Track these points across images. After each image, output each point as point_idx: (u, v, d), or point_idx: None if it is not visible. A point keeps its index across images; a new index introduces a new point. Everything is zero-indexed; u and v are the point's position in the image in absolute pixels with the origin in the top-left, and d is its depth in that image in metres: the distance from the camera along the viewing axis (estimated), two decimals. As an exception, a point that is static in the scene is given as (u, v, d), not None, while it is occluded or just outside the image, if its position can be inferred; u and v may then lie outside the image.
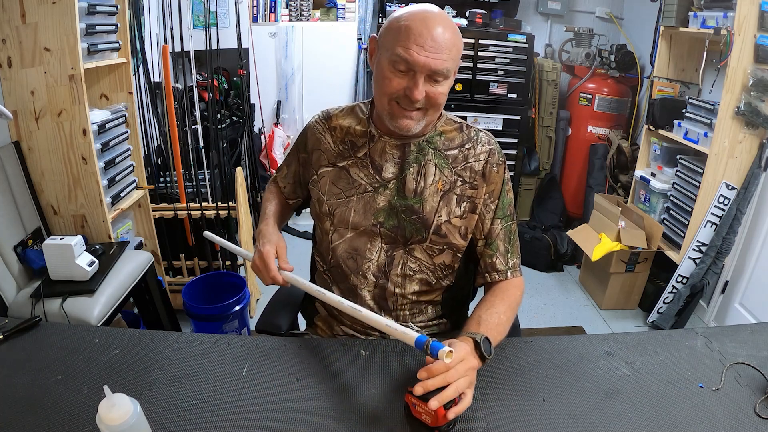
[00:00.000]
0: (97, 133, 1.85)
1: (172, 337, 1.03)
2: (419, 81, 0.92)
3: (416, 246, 1.08)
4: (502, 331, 0.98)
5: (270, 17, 3.27)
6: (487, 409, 0.84)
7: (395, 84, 0.94)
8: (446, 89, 0.97)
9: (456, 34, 0.94)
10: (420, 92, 0.92)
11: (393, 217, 1.07)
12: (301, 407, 0.85)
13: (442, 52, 0.90)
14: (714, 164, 2.24)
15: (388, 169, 1.07)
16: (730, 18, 2.11)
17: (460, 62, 0.99)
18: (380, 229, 1.08)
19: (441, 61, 0.91)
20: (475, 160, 1.07)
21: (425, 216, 1.05)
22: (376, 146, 1.08)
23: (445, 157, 1.07)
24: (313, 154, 1.15)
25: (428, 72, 0.92)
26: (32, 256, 1.68)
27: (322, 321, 1.22)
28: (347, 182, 1.09)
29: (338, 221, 1.10)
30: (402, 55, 0.91)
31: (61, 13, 1.64)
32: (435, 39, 0.90)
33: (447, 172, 1.06)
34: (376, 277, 1.10)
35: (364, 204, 1.08)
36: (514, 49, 3.04)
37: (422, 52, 0.90)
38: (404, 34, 0.91)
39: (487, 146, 1.08)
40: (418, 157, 1.06)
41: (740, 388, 0.91)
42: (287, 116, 3.40)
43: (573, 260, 3.21)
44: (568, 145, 3.55)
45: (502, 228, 1.09)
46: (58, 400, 0.84)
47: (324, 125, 1.15)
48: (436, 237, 1.07)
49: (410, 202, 1.06)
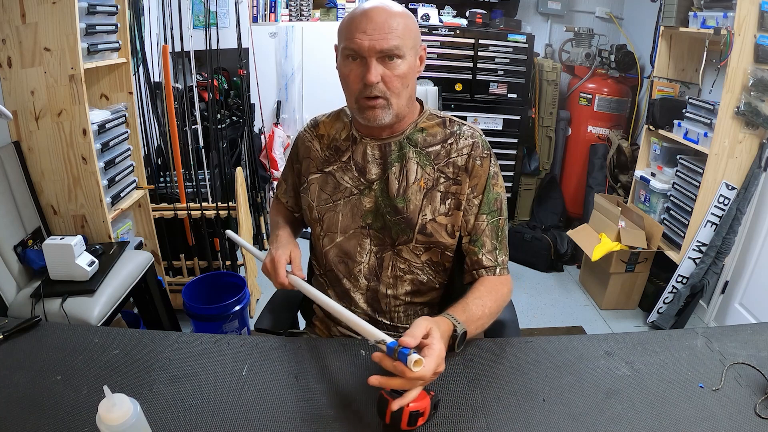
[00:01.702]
0: (97, 133, 1.85)
1: (172, 337, 1.03)
2: (371, 65, 0.94)
3: (403, 247, 1.07)
4: (482, 326, 0.96)
5: (270, 17, 3.27)
6: (487, 409, 0.84)
7: (353, 77, 0.97)
8: (404, 71, 0.97)
9: (403, 17, 0.96)
10: (373, 75, 0.94)
11: (379, 218, 1.07)
12: (301, 407, 0.85)
13: (385, 32, 0.93)
14: (714, 164, 2.24)
15: (372, 171, 1.07)
16: (730, 18, 2.11)
17: (421, 44, 1.01)
18: (369, 231, 1.08)
19: (386, 41, 0.93)
20: (458, 155, 1.05)
21: (409, 216, 1.05)
22: (358, 148, 1.08)
23: (427, 154, 1.06)
24: (303, 162, 1.16)
25: (376, 54, 0.94)
26: (32, 256, 1.68)
27: (319, 321, 1.23)
28: (334, 187, 1.10)
29: (327, 226, 1.11)
30: (349, 46, 0.95)
31: (61, 13, 1.64)
32: (375, 22, 0.93)
33: (429, 169, 1.05)
34: (368, 279, 1.10)
35: (351, 207, 1.09)
36: (514, 49, 3.04)
37: (365, 36, 0.93)
38: (348, 28, 0.96)
39: (470, 140, 1.06)
40: (400, 156, 1.06)
41: (740, 388, 0.91)
42: (287, 116, 3.40)
43: (573, 260, 3.21)
44: (568, 145, 3.55)
45: (488, 224, 1.06)
46: (58, 400, 0.84)
47: (312, 133, 1.17)
48: (421, 236, 1.06)
49: (394, 203, 1.05)
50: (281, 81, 3.34)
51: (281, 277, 1.03)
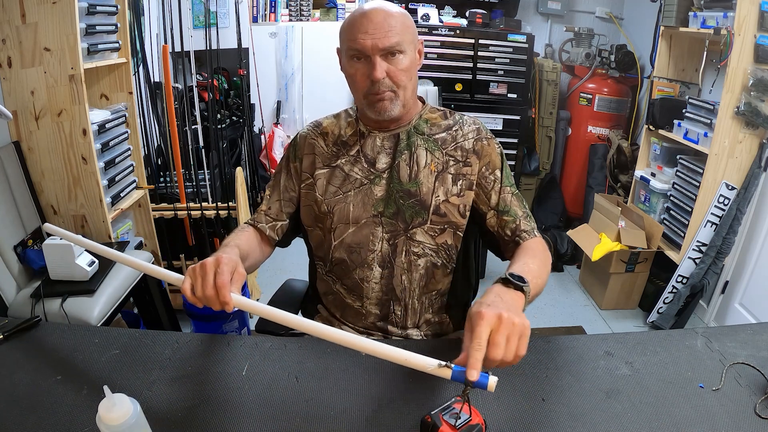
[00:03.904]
0: (97, 133, 1.85)
1: (172, 337, 1.03)
2: (376, 62, 0.99)
3: (417, 229, 1.09)
4: (535, 279, 0.88)
5: (270, 17, 3.27)
6: (487, 409, 0.84)
7: (359, 77, 1.02)
8: (407, 65, 1.02)
9: (399, 15, 1.02)
10: (379, 71, 0.99)
11: (392, 204, 1.09)
12: (301, 407, 0.85)
13: (385, 30, 0.98)
14: (714, 164, 2.24)
15: (381, 161, 1.10)
16: (730, 18, 2.11)
17: (418, 39, 1.06)
18: (381, 219, 1.09)
19: (387, 38, 0.98)
20: (464, 139, 1.11)
21: (423, 198, 1.08)
22: (366, 141, 1.12)
23: (434, 140, 1.10)
24: (305, 159, 1.15)
25: (379, 52, 0.99)
26: (32, 256, 1.68)
27: (322, 321, 1.22)
28: (342, 179, 1.11)
29: (338, 218, 1.11)
30: (353, 47, 1.00)
31: (61, 13, 1.64)
32: (374, 22, 0.99)
33: (438, 153, 1.09)
34: (382, 267, 1.11)
35: (362, 197, 1.10)
36: (514, 49, 3.04)
37: (367, 36, 0.98)
38: (350, 30, 1.01)
39: (473, 125, 1.13)
40: (408, 144, 1.10)
41: (740, 388, 0.91)
42: (287, 116, 3.40)
43: (573, 260, 3.21)
44: (568, 145, 3.55)
45: (512, 195, 1.10)
46: (58, 400, 0.84)
47: (316, 131, 1.18)
48: (436, 217, 1.08)
49: (406, 187, 1.08)
50: (281, 81, 3.35)
51: (223, 283, 0.78)
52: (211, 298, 0.79)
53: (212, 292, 0.79)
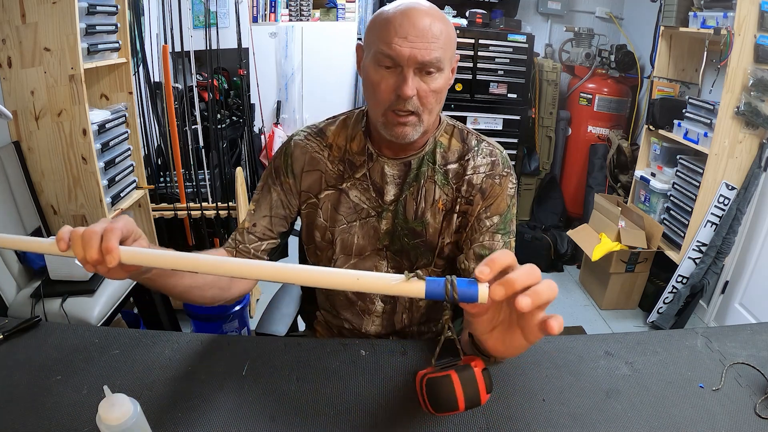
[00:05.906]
0: (97, 133, 1.85)
1: (172, 337, 1.03)
2: (408, 76, 0.83)
3: (422, 270, 1.03)
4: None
5: (270, 17, 3.27)
6: (487, 409, 0.84)
7: (383, 87, 0.86)
8: (441, 85, 0.87)
9: (444, 23, 0.86)
10: (410, 88, 0.83)
11: (396, 241, 1.01)
12: (301, 407, 0.84)
13: (428, 41, 0.82)
14: (714, 164, 2.24)
15: (390, 192, 0.99)
16: (730, 18, 2.11)
17: (455, 55, 0.92)
18: (386, 252, 1.03)
19: (428, 51, 0.82)
20: (474, 172, 0.98)
21: (429, 239, 1.00)
22: (375, 167, 0.99)
23: (445, 172, 0.99)
24: (307, 176, 1.01)
25: (416, 64, 0.83)
26: (32, 256, 1.68)
27: (321, 326, 1.21)
28: (348, 207, 1.00)
29: (341, 249, 1.03)
30: (385, 51, 0.83)
31: (61, 13, 1.64)
32: (418, 28, 0.82)
33: (447, 189, 0.99)
34: (384, 302, 1.07)
35: (368, 229, 1.02)
36: (514, 49, 3.04)
37: (405, 43, 0.82)
38: (385, 29, 0.83)
39: (488, 158, 0.99)
40: (418, 175, 0.98)
41: (740, 388, 0.91)
42: (287, 116, 3.40)
43: (573, 260, 3.21)
44: (568, 145, 3.55)
45: (503, 244, 0.98)
46: (58, 400, 0.83)
47: (320, 143, 1.02)
48: (440, 260, 1.02)
49: (411, 225, 0.99)
50: (281, 81, 3.35)
51: (111, 246, 0.64)
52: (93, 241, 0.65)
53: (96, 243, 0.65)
